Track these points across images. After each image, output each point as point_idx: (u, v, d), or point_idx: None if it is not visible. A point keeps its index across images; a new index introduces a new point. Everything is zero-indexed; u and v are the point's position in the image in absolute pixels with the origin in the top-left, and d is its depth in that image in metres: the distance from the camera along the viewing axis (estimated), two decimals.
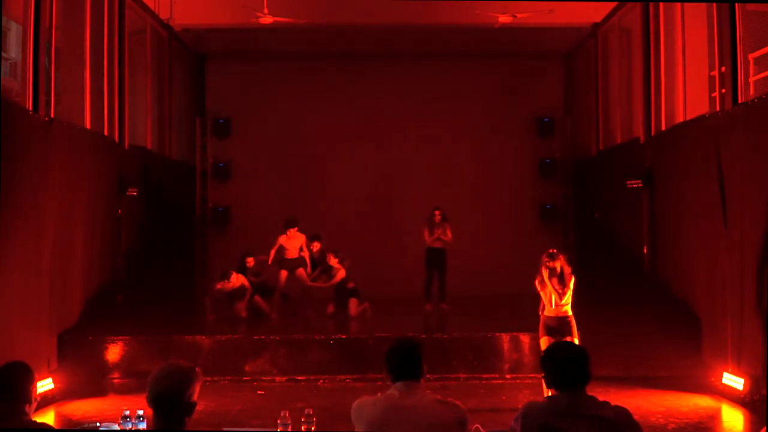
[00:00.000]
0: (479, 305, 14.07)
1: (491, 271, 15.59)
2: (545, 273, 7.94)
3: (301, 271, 12.84)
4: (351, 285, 12.89)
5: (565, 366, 3.64)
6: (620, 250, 13.35)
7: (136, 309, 12.04)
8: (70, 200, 10.00)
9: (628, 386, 8.99)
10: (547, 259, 7.97)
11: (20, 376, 3.80)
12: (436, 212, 13.42)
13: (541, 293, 8.04)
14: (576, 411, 3.54)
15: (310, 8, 13.71)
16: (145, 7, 13.55)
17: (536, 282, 8.08)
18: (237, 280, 12.52)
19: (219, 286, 12.54)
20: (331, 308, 12.97)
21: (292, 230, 12.77)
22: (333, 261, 12.84)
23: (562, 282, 7.91)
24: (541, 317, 8.08)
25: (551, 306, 7.96)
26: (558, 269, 7.91)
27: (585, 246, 15.75)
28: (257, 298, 12.69)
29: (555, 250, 8.09)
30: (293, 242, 12.84)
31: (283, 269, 12.83)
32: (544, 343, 7.94)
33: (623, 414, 3.58)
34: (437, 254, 13.47)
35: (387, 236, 16.00)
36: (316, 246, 13.26)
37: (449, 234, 13.38)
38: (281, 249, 12.83)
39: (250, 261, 13.01)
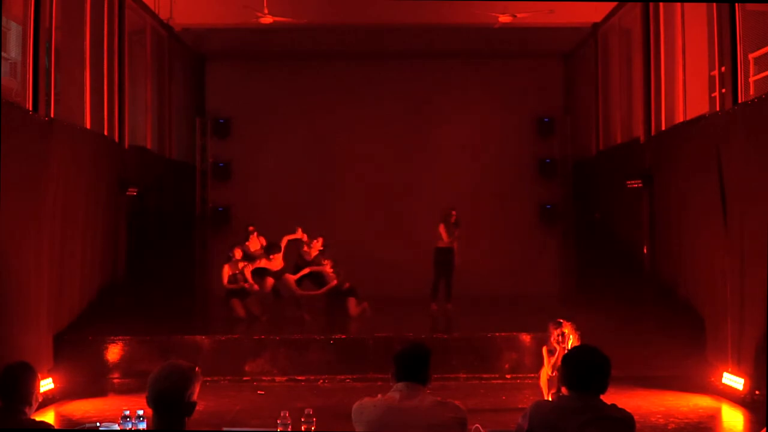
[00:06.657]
0: (479, 305, 14.05)
1: (491, 271, 15.58)
2: (555, 342, 7.79)
3: (287, 276, 12.69)
4: (347, 285, 12.70)
5: (588, 368, 3.65)
6: (620, 250, 13.34)
7: (136, 309, 12.03)
8: (69, 200, 9.98)
9: (628, 386, 8.97)
10: (553, 327, 7.83)
11: (24, 377, 3.81)
12: (453, 212, 13.43)
13: (546, 359, 7.92)
14: (587, 412, 3.54)
15: (310, 8, 13.72)
16: (145, 7, 13.55)
17: (544, 350, 7.97)
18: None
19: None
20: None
21: (275, 255, 12.64)
22: (328, 269, 12.69)
23: None
24: (543, 381, 7.99)
25: (552, 372, 7.80)
26: (568, 336, 7.75)
27: (585, 246, 15.75)
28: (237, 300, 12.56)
29: (561, 320, 7.91)
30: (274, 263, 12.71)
31: (269, 277, 12.73)
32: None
33: (629, 419, 3.59)
34: (449, 254, 13.45)
35: (387, 236, 15.97)
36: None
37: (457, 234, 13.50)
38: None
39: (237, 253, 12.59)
